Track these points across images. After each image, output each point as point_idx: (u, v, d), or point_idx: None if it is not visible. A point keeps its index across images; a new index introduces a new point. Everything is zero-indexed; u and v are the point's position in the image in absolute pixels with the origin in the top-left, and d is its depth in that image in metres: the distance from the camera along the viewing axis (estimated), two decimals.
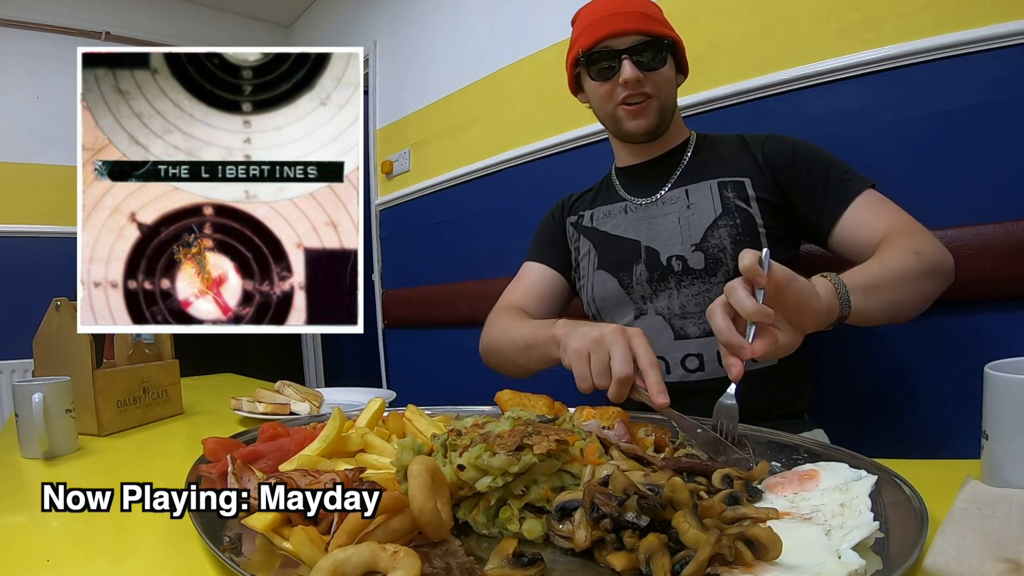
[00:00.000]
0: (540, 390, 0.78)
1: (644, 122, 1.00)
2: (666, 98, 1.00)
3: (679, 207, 1.01)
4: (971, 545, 0.40)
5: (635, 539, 0.41)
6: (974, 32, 1.06)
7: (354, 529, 0.42)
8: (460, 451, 0.51)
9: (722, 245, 0.96)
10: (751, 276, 0.60)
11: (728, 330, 0.62)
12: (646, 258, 1.01)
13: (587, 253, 1.10)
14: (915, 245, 0.82)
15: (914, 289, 0.81)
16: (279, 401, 1.07)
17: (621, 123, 1.02)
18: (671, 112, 1.03)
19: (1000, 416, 0.50)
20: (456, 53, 2.20)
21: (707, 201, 0.99)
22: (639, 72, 0.96)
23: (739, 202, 0.97)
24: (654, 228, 1.02)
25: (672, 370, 0.98)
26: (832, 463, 0.54)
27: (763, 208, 0.96)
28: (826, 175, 0.94)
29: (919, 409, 1.16)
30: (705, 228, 0.97)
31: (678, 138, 1.08)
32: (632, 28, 0.96)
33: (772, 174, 0.97)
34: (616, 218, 1.08)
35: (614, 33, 0.97)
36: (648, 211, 1.04)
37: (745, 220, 0.96)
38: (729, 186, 0.99)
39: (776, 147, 0.99)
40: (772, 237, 0.96)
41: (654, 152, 1.08)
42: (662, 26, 0.99)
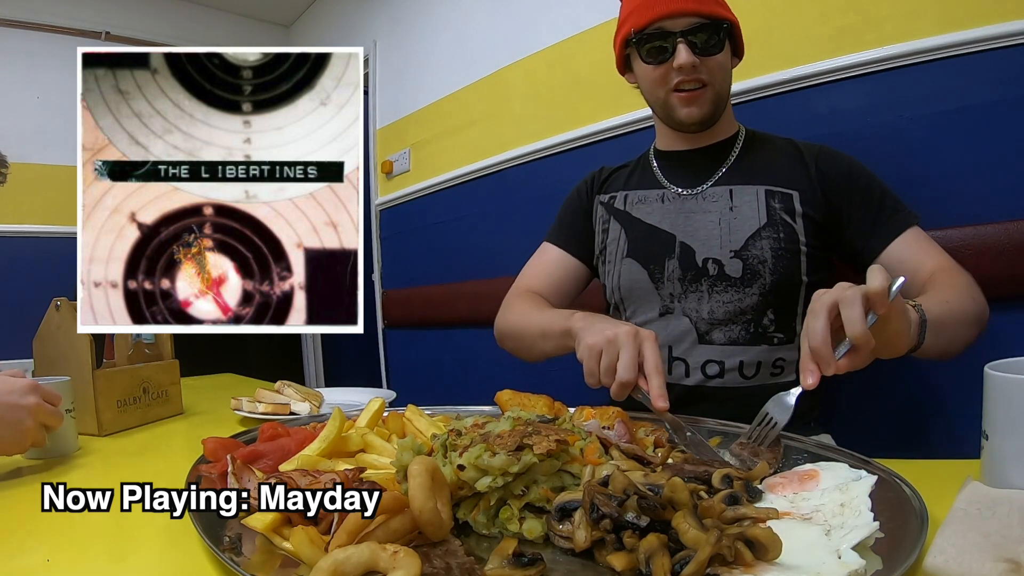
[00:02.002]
0: (540, 390, 0.78)
1: (697, 111, 0.95)
2: (721, 85, 0.95)
3: (721, 207, 0.97)
4: (971, 545, 0.40)
5: (635, 539, 0.41)
6: (974, 32, 1.06)
7: (354, 529, 0.42)
8: (460, 451, 0.51)
9: (763, 257, 0.92)
10: (875, 300, 0.58)
11: (824, 341, 0.60)
12: (680, 254, 0.97)
13: (616, 238, 1.05)
14: (971, 289, 0.82)
15: (966, 333, 0.80)
16: (279, 401, 1.07)
17: (673, 110, 0.96)
18: (725, 100, 0.98)
19: (1000, 416, 0.50)
20: (456, 53, 2.20)
21: (752, 208, 0.95)
22: (695, 57, 0.90)
23: (785, 215, 0.94)
24: (692, 224, 0.98)
25: (691, 373, 0.96)
26: (832, 463, 0.54)
27: (807, 225, 0.94)
28: (881, 201, 0.92)
29: (919, 409, 1.16)
30: (747, 236, 0.94)
31: (728, 130, 1.03)
32: (689, 8, 0.90)
33: (823, 190, 0.94)
34: (651, 205, 1.03)
35: (670, 14, 0.90)
36: (687, 204, 0.99)
37: (789, 235, 0.93)
38: (777, 196, 0.95)
39: (832, 163, 0.96)
40: (811, 257, 0.94)
41: (702, 142, 1.02)
42: (719, 7, 0.93)
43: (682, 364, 0.97)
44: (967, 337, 0.81)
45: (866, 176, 0.95)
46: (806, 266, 0.93)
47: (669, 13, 0.90)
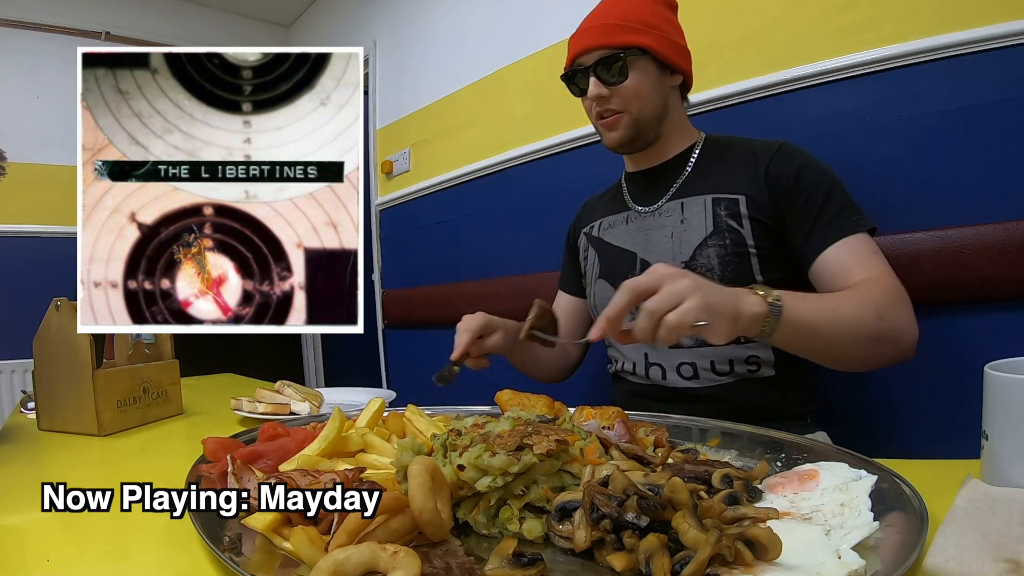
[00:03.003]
0: (540, 390, 0.78)
1: (616, 136, 1.00)
2: (639, 110, 0.98)
3: (674, 221, 1.00)
4: (971, 545, 0.40)
5: (635, 539, 0.41)
6: (974, 32, 1.06)
7: (354, 529, 0.42)
8: (460, 451, 0.51)
9: (709, 265, 0.95)
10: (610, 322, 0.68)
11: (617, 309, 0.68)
12: (640, 270, 1.02)
13: (593, 263, 1.12)
14: (883, 307, 0.79)
15: (860, 348, 0.79)
16: (279, 401, 1.07)
17: (601, 136, 1.04)
18: (652, 123, 1.00)
19: (1000, 416, 0.50)
20: (456, 53, 2.20)
21: (700, 218, 0.97)
22: (604, 88, 0.96)
23: (730, 221, 0.95)
24: (649, 240, 1.03)
25: (668, 376, 1.00)
26: (832, 463, 0.54)
27: (755, 227, 0.94)
28: (823, 205, 0.90)
29: (919, 409, 1.16)
30: (695, 246, 0.97)
31: (680, 145, 1.05)
32: (596, 43, 0.96)
33: (771, 193, 0.94)
34: (619, 228, 1.09)
35: (581, 51, 0.98)
36: (646, 222, 1.04)
37: (735, 240, 0.94)
38: (723, 203, 0.96)
39: (783, 165, 0.95)
40: (763, 257, 0.94)
41: (654, 161, 1.06)
42: (632, 34, 0.95)
43: (659, 368, 1.01)
44: (864, 354, 0.80)
45: (815, 178, 0.93)
46: (759, 266, 0.94)
47: (580, 51, 0.98)
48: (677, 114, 1.04)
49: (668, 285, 0.66)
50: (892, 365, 0.83)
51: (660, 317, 0.65)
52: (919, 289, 1.10)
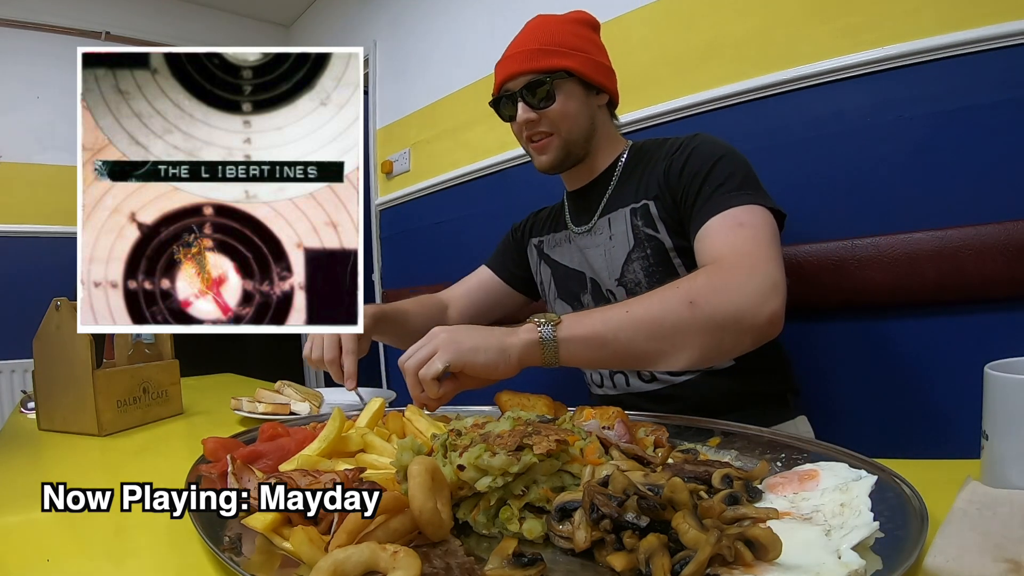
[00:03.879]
0: (540, 390, 0.78)
1: (547, 158, 1.01)
2: (568, 132, 0.98)
3: (604, 239, 1.01)
4: (971, 545, 0.40)
5: (635, 539, 0.41)
6: (974, 32, 1.06)
7: (354, 529, 0.42)
8: (460, 451, 0.51)
9: (637, 279, 0.96)
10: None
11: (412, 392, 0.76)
12: (591, 289, 1.05)
13: (549, 282, 1.14)
14: (701, 293, 0.73)
15: (677, 342, 0.74)
16: (279, 401, 1.07)
17: (532, 159, 1.04)
18: (581, 143, 1.01)
19: (1000, 416, 0.50)
20: (456, 53, 2.20)
21: (623, 233, 0.98)
22: (532, 113, 0.97)
23: (647, 230, 0.95)
24: (589, 259, 1.04)
25: (631, 382, 1.03)
26: (832, 463, 0.54)
27: (669, 227, 0.93)
28: (701, 186, 0.87)
29: (919, 409, 1.16)
30: (621, 263, 0.98)
31: (606, 160, 1.05)
32: (523, 69, 0.96)
33: (671, 187, 0.93)
34: (563, 246, 1.11)
35: (507, 77, 0.99)
36: (583, 240, 1.05)
37: (656, 248, 0.94)
38: (638, 213, 0.96)
39: (677, 157, 0.93)
40: (686, 254, 0.92)
41: (585, 179, 1.07)
42: (557, 58, 0.95)
43: (622, 376, 1.04)
44: (691, 346, 0.74)
45: (699, 161, 0.89)
46: (684, 265, 0.94)
47: (507, 77, 0.99)
48: (605, 131, 1.05)
49: (420, 348, 0.73)
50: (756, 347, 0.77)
51: (415, 375, 0.72)
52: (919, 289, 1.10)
